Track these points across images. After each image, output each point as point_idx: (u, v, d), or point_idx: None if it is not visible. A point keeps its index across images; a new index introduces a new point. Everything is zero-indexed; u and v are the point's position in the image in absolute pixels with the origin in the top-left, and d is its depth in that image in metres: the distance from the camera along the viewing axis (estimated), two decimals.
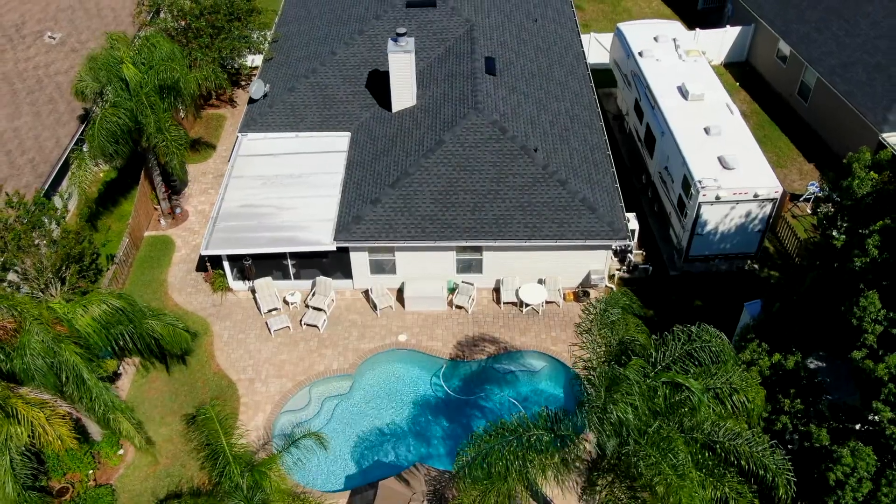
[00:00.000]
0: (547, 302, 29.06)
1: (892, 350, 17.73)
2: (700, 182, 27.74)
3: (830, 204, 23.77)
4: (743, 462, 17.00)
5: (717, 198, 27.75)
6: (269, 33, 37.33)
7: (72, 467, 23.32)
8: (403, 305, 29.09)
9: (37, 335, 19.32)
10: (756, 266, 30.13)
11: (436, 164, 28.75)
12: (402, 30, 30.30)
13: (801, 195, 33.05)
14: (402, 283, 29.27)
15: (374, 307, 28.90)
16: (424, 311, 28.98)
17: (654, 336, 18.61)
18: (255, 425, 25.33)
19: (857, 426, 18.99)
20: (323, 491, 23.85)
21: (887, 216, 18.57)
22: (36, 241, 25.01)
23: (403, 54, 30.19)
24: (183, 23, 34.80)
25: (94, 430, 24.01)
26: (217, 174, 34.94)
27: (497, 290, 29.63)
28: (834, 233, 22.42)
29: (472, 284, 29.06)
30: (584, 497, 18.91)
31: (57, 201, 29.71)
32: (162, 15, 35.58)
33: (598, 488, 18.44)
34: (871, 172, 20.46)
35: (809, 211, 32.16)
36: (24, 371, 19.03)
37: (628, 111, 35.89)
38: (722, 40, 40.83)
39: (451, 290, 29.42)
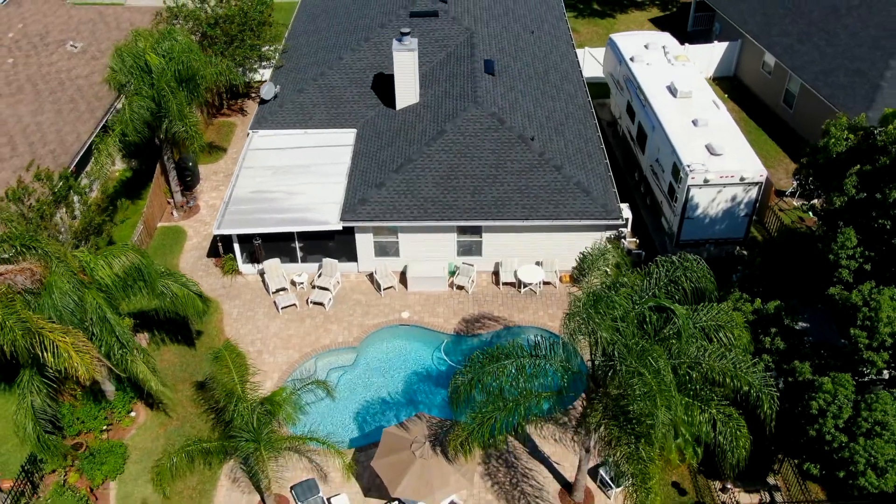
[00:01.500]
0: (544, 283, 30.23)
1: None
2: (689, 166, 29.20)
3: (810, 179, 25.01)
4: (728, 380, 18.01)
5: (706, 181, 29.16)
6: (278, 47, 39.29)
7: (86, 423, 24.11)
8: (406, 286, 30.25)
9: (63, 276, 20.51)
10: (745, 252, 31.36)
11: (437, 151, 30.26)
12: (405, 30, 32.17)
13: (787, 190, 34.49)
14: (405, 266, 30.47)
15: (378, 287, 30.05)
16: (426, 292, 30.11)
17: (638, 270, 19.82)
18: (264, 391, 26.18)
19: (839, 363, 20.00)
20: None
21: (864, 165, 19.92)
22: (59, 215, 26.35)
23: (407, 52, 32.01)
24: (198, 34, 36.73)
25: (109, 389, 24.93)
26: (227, 173, 36.44)
27: (496, 273, 30.81)
28: (815, 202, 23.73)
29: (472, 266, 30.27)
30: (579, 435, 19.85)
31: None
32: (178, 26, 37.52)
33: (590, 422, 19.40)
34: (848, 133, 21.88)
35: (796, 204, 33.55)
36: (53, 309, 20.14)
37: (621, 115, 37.61)
38: (710, 55, 42.86)
39: (452, 273, 30.58)
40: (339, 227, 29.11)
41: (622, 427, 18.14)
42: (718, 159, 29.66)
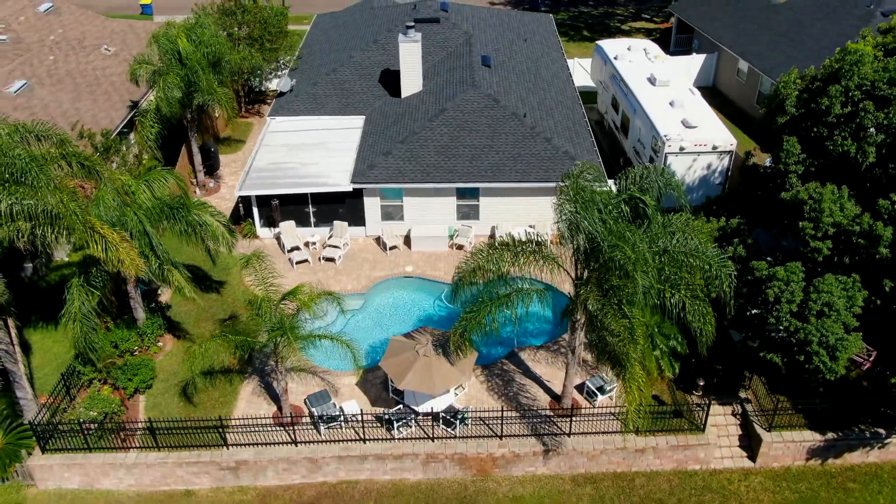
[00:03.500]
0: (537, 244, 32.90)
1: None
2: (666, 136, 32.36)
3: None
4: (692, 260, 20.65)
5: (682, 149, 32.28)
6: (292, 58, 43.02)
7: (119, 346, 26.47)
8: (410, 247, 33.00)
9: (109, 193, 23.39)
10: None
11: (439, 125, 33.48)
12: (410, 23, 35.88)
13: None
14: (409, 229, 33.29)
15: (385, 248, 32.81)
16: (428, 251, 32.84)
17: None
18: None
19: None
20: (337, 370, 27.09)
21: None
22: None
23: (412, 43, 35.62)
24: (224, 34, 40.48)
25: (140, 317, 27.39)
26: (246, 161, 39.58)
27: (492, 236, 33.58)
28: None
29: (471, 227, 33.08)
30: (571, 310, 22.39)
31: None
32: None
33: (579, 302, 21.98)
34: (798, 80, 25.01)
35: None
36: (100, 219, 22.88)
37: (607, 110, 41.05)
38: (690, 66, 46.59)
39: (451, 236, 33.34)
40: (349, 188, 32.06)
41: (607, 298, 20.64)
42: (693, 131, 32.88)
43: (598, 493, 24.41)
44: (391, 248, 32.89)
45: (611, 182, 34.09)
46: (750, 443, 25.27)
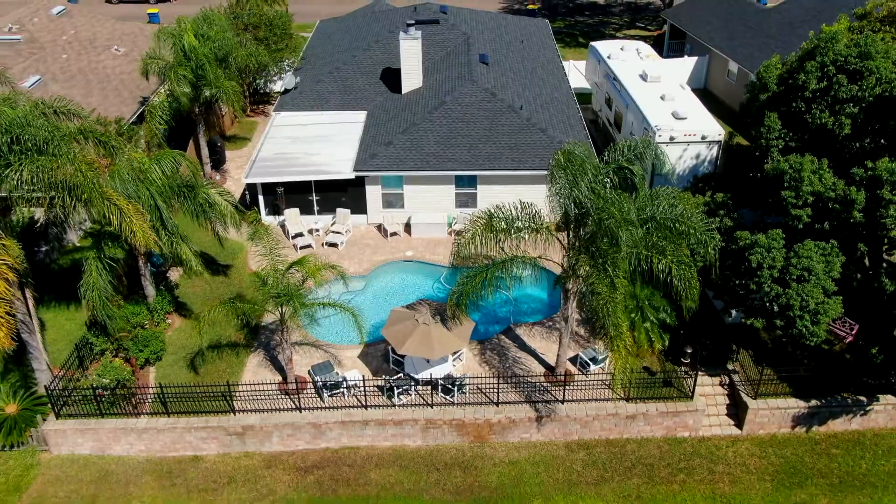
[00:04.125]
0: (533, 230, 34.05)
1: None
2: (656, 126, 33.61)
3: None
4: (678, 225, 21.77)
5: (671, 138, 33.51)
6: (295, 60, 44.44)
7: (131, 319, 27.48)
8: (410, 233, 34.14)
9: (124, 168, 24.59)
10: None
11: (438, 117, 34.75)
12: (410, 21, 37.27)
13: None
14: (409, 217, 34.44)
15: (386, 234, 33.94)
16: (428, 237, 33.97)
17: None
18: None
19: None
20: (340, 343, 28.15)
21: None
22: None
23: (412, 40, 36.99)
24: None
25: (150, 294, 28.45)
26: (250, 157, 40.85)
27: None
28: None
29: (469, 215, 34.15)
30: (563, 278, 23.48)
31: None
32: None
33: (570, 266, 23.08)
34: (779, 65, 26.28)
35: None
36: (115, 192, 24.05)
37: (601, 108, 42.37)
38: (682, 68, 47.93)
39: (450, 224, 34.48)
40: (351, 176, 33.26)
41: (594, 260, 21.74)
42: (682, 122, 34.14)
43: (591, 458, 25.35)
44: (392, 235, 34.02)
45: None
46: (737, 411, 26.23)
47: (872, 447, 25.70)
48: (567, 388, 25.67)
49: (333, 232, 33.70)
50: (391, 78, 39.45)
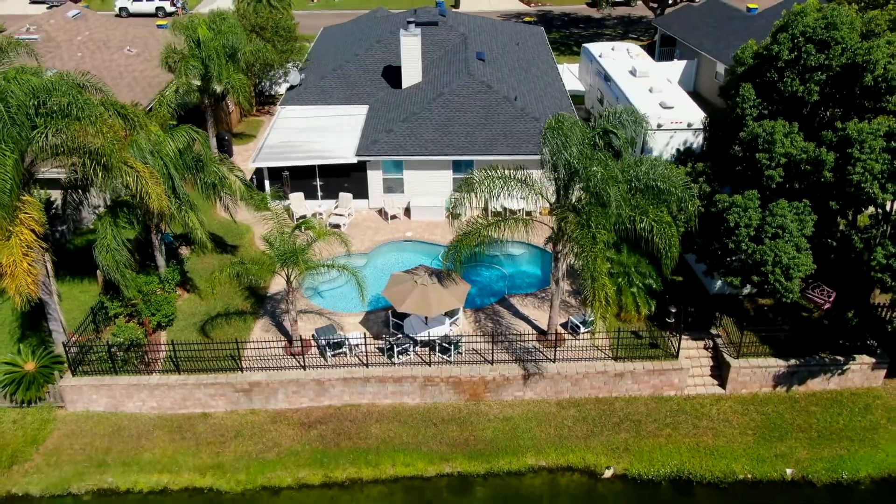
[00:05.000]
0: (526, 213, 35.63)
1: None
2: (644, 114, 35.19)
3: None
4: (660, 184, 23.29)
5: (659, 125, 35.16)
6: (299, 62, 46.40)
7: (142, 289, 28.87)
8: (410, 217, 35.67)
9: (142, 139, 26.20)
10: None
11: (437, 107, 36.47)
12: (411, 19, 39.15)
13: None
14: (409, 201, 35.98)
15: (387, 217, 35.48)
16: (427, 220, 35.50)
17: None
18: None
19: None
20: (343, 311, 29.56)
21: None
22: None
23: (412, 37, 38.85)
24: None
25: (161, 265, 29.89)
26: None
27: (485, 209, 36.22)
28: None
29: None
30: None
31: None
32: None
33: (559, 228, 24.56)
34: (755, 45, 27.96)
35: None
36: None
37: (593, 105, 44.14)
38: (672, 71, 49.82)
39: (448, 209, 35.99)
40: (354, 160, 34.87)
41: (580, 217, 23.22)
42: (669, 111, 35.84)
43: (582, 414, 26.61)
44: (392, 218, 35.55)
45: None
46: (720, 371, 27.53)
47: (849, 405, 26.95)
48: (558, 349, 27.00)
49: (336, 215, 35.22)
50: (392, 75, 41.24)
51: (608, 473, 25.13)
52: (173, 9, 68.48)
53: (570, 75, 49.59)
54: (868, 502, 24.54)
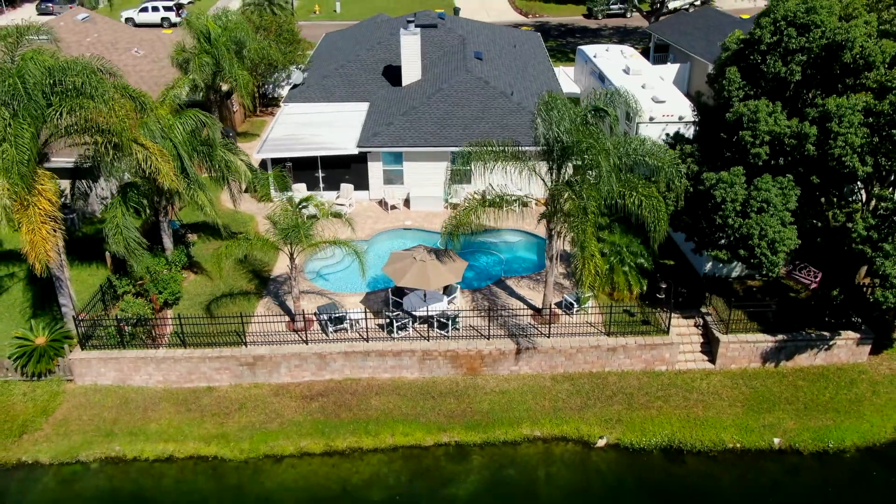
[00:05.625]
0: (523, 204, 36.58)
1: None
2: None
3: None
4: (648, 159, 24.31)
5: (651, 118, 36.26)
6: (302, 65, 47.71)
7: (150, 269, 29.79)
8: (409, 207, 36.67)
9: (153, 121, 27.27)
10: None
11: (436, 101, 37.60)
12: (410, 18, 40.41)
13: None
14: (409, 192, 36.99)
15: (387, 207, 36.47)
16: (425, 210, 36.48)
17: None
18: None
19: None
20: (344, 292, 30.46)
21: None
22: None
23: (412, 35, 40.09)
24: None
25: (169, 247, 30.84)
26: None
27: (483, 201, 37.19)
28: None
29: (464, 189, 36.74)
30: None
31: None
32: None
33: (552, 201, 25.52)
34: (740, 34, 29.07)
35: None
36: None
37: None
38: (666, 72, 50.98)
39: (447, 200, 37.00)
40: (355, 152, 35.93)
41: (572, 189, 24.21)
42: (661, 105, 36.98)
43: (576, 388, 27.40)
44: (392, 208, 36.55)
45: None
46: (710, 347, 28.35)
47: (835, 379, 27.75)
48: (552, 325, 27.86)
49: (338, 204, 36.19)
50: (392, 73, 42.44)
51: (601, 443, 25.88)
52: (178, 19, 69.93)
53: (566, 78, 50.79)
54: (854, 470, 25.25)
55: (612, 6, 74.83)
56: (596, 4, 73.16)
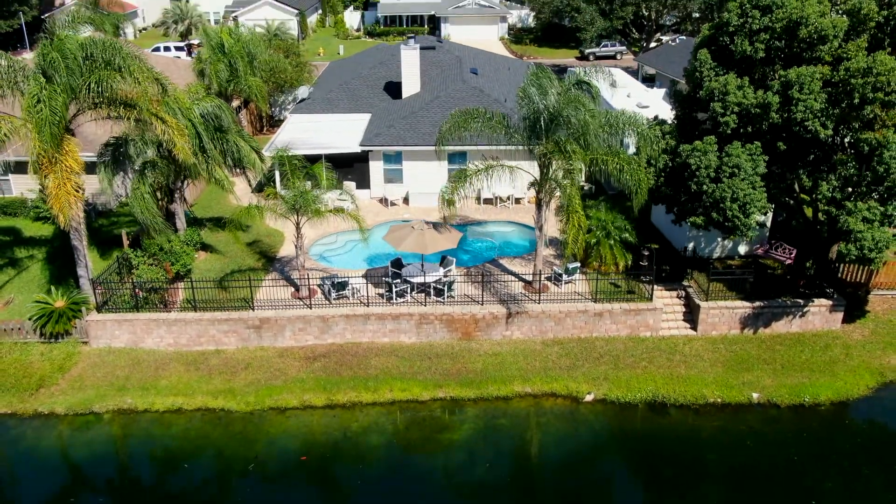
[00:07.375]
0: (516, 200, 38.71)
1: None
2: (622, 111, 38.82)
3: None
4: (629, 127, 26.47)
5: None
6: (309, 87, 50.58)
7: (164, 247, 31.60)
8: (408, 204, 38.71)
9: (172, 101, 29.56)
10: None
11: (434, 107, 40.09)
12: (410, 35, 43.24)
13: None
14: (408, 191, 39.08)
15: (387, 203, 38.52)
16: (424, 206, 38.52)
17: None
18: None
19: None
20: (347, 268, 32.21)
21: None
22: None
23: (411, 51, 42.89)
24: None
25: (182, 227, 32.74)
26: None
27: (478, 198, 39.34)
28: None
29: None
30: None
31: None
32: None
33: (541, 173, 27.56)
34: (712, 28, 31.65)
35: None
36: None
37: None
38: (651, 96, 53.85)
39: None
40: (358, 150, 38.19)
41: (561, 151, 26.26)
42: (645, 109, 39.42)
43: (565, 351, 28.91)
44: (392, 205, 38.58)
45: None
46: (692, 316, 29.96)
47: (811, 344, 29.28)
48: (543, 294, 29.54)
49: (340, 200, 38.19)
50: (393, 88, 45.11)
51: (589, 398, 27.26)
52: (188, 59, 73.40)
53: None
54: (828, 421, 26.58)
55: (602, 48, 78.55)
56: (587, 46, 76.78)
